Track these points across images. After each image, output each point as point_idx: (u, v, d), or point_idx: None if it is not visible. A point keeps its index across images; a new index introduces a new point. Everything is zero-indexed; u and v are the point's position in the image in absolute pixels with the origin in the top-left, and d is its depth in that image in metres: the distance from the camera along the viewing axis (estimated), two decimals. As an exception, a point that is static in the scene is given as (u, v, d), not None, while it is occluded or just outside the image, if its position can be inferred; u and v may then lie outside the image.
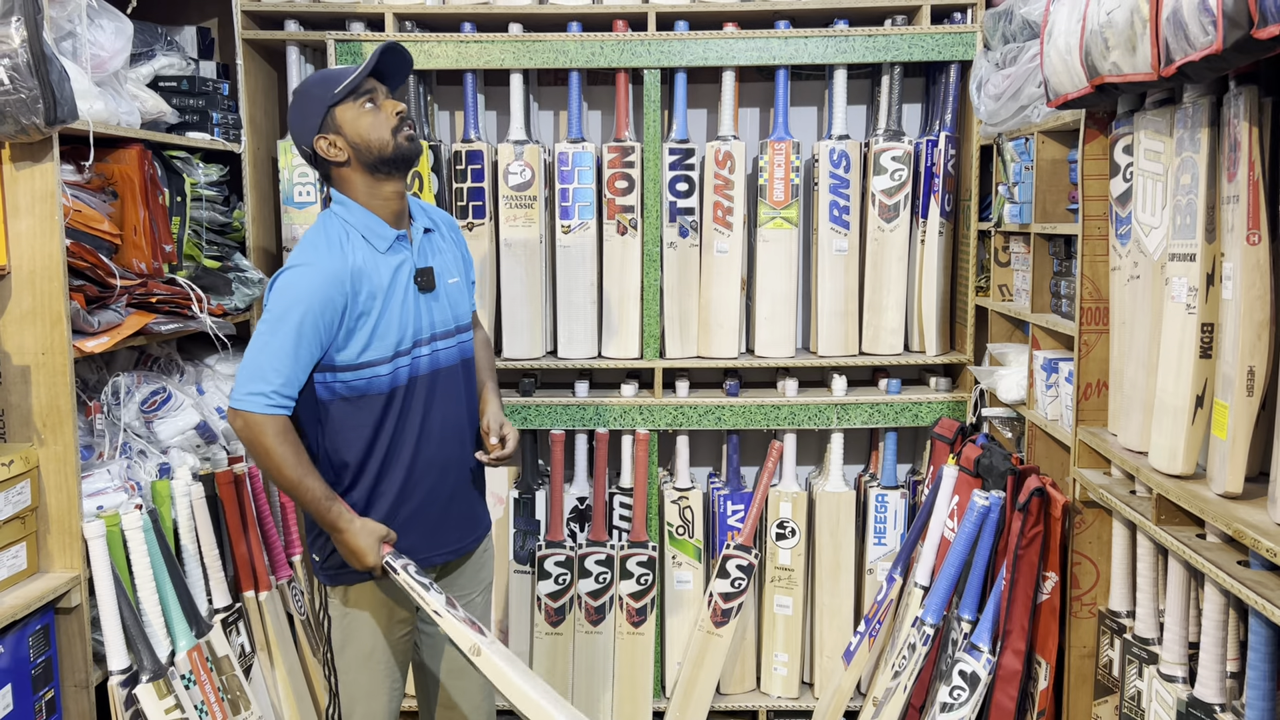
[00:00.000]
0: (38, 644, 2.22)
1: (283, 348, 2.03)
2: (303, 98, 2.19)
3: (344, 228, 2.15)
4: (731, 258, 3.40)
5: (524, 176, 3.37)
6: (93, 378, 2.72)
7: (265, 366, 2.03)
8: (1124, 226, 2.25)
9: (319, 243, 2.12)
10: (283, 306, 2.04)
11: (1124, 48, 1.87)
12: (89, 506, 2.38)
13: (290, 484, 2.06)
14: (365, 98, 2.15)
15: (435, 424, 2.24)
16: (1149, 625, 2.21)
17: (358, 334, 2.10)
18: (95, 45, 2.49)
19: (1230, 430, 1.79)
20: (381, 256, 2.15)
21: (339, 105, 2.13)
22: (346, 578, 2.22)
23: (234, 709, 2.64)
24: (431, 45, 3.28)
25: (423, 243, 2.26)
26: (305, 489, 2.07)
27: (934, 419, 3.38)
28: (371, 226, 2.16)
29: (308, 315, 2.03)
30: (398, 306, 2.15)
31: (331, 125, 2.14)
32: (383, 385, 2.15)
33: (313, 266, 2.07)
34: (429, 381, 2.23)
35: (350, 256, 2.10)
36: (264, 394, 2.03)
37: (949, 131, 3.37)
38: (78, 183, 2.52)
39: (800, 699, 3.50)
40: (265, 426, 2.03)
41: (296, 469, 2.06)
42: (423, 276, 2.21)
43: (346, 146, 2.14)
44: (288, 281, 2.06)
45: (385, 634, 2.27)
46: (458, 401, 2.30)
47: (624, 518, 3.46)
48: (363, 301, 2.10)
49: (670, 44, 3.28)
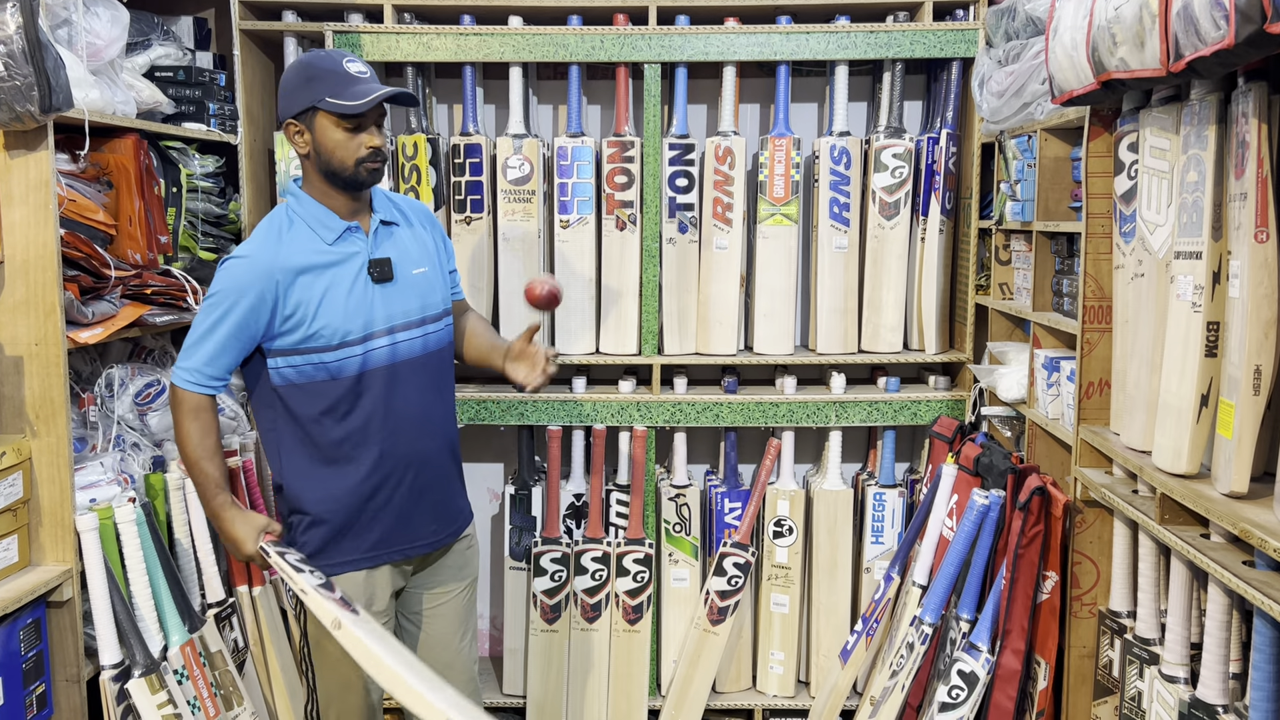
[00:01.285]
0: (29, 637, 2.19)
1: (210, 331, 2.11)
2: (300, 76, 2.14)
3: (289, 217, 2.18)
4: (731, 254, 3.38)
5: (523, 170, 3.34)
6: (86, 369, 2.69)
7: (192, 345, 2.12)
8: (1128, 224, 2.24)
9: (258, 234, 2.18)
10: (216, 292, 2.11)
11: (1132, 43, 1.86)
12: (82, 499, 2.35)
13: (188, 460, 2.17)
14: (353, 121, 2.13)
15: (402, 416, 2.23)
16: (1150, 626, 2.20)
17: (294, 322, 2.12)
18: (91, 33, 2.47)
19: (1236, 429, 1.78)
20: (328, 247, 2.16)
21: (323, 110, 2.11)
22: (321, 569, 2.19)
23: (227, 704, 2.62)
24: (430, 37, 3.26)
25: (381, 234, 2.24)
26: (200, 470, 2.15)
27: (933, 417, 3.36)
28: (319, 217, 2.18)
29: (235, 306, 2.09)
30: (342, 296, 2.15)
31: (308, 120, 2.13)
32: (328, 373, 2.15)
33: (249, 259, 2.13)
34: (388, 374, 2.21)
35: (286, 249, 2.13)
36: (188, 370, 2.12)
37: (950, 129, 3.35)
38: (73, 172, 2.50)
39: (796, 698, 3.48)
40: (183, 400, 2.13)
41: (198, 448, 2.15)
42: (377, 267, 2.20)
43: (310, 146, 2.15)
44: (225, 269, 2.13)
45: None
46: (425, 393, 2.28)
47: (621, 515, 3.44)
48: (297, 292, 2.11)
49: (671, 38, 3.26)
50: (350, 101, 2.09)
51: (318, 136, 2.13)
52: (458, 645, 2.44)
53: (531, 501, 3.42)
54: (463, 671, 2.46)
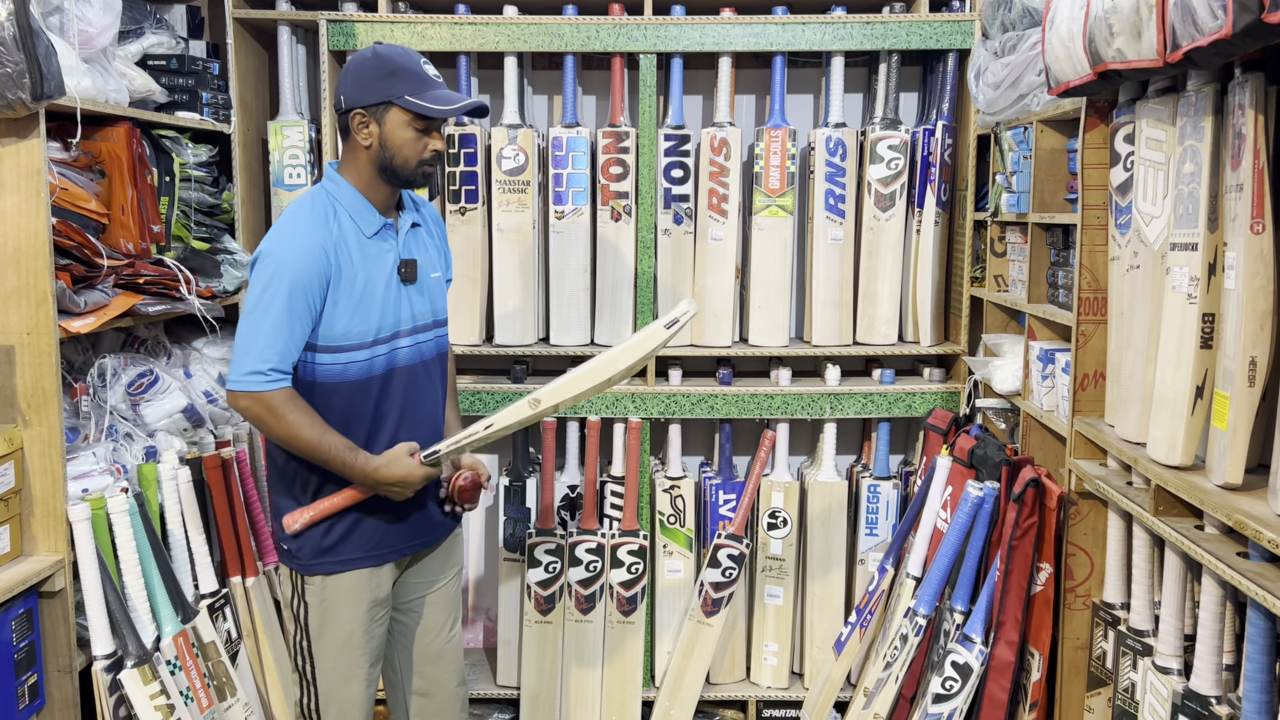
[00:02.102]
0: (20, 628, 2.19)
1: (275, 323, 2.02)
2: (378, 67, 2.13)
3: (331, 203, 2.15)
4: (726, 245, 3.38)
5: (517, 161, 3.33)
6: (79, 359, 2.68)
7: (260, 344, 2.02)
8: (1124, 216, 2.23)
9: (302, 216, 2.12)
10: (269, 281, 2.03)
11: (1129, 34, 1.85)
12: (74, 489, 2.35)
13: (311, 445, 2.06)
14: (426, 123, 2.14)
15: (412, 416, 2.24)
16: (1144, 617, 2.20)
17: (340, 309, 2.10)
18: (83, 21, 2.45)
19: (1231, 421, 1.78)
20: (367, 240, 2.15)
21: (399, 106, 2.11)
22: (324, 566, 2.21)
23: (220, 695, 2.61)
24: (425, 27, 3.24)
25: (408, 235, 2.26)
26: (327, 446, 2.07)
27: (927, 410, 3.36)
28: (360, 209, 2.16)
29: (295, 288, 2.03)
30: (379, 292, 2.15)
31: (379, 115, 2.12)
32: (358, 372, 2.15)
33: (296, 240, 2.06)
34: (408, 374, 2.23)
35: (335, 232, 2.10)
36: (262, 372, 2.03)
37: (946, 120, 3.35)
38: (65, 161, 2.49)
39: (790, 689, 3.49)
40: (271, 400, 2.03)
41: (313, 429, 2.06)
42: (406, 268, 2.21)
43: (376, 140, 2.14)
44: (272, 256, 2.05)
45: (364, 620, 2.25)
46: (433, 395, 2.32)
47: (615, 506, 3.44)
48: (345, 276, 2.09)
49: (667, 29, 3.25)
50: (433, 105, 2.10)
51: (386, 131, 2.12)
52: (447, 634, 2.46)
53: (526, 493, 3.42)
54: (452, 660, 2.48)
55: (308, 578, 2.22)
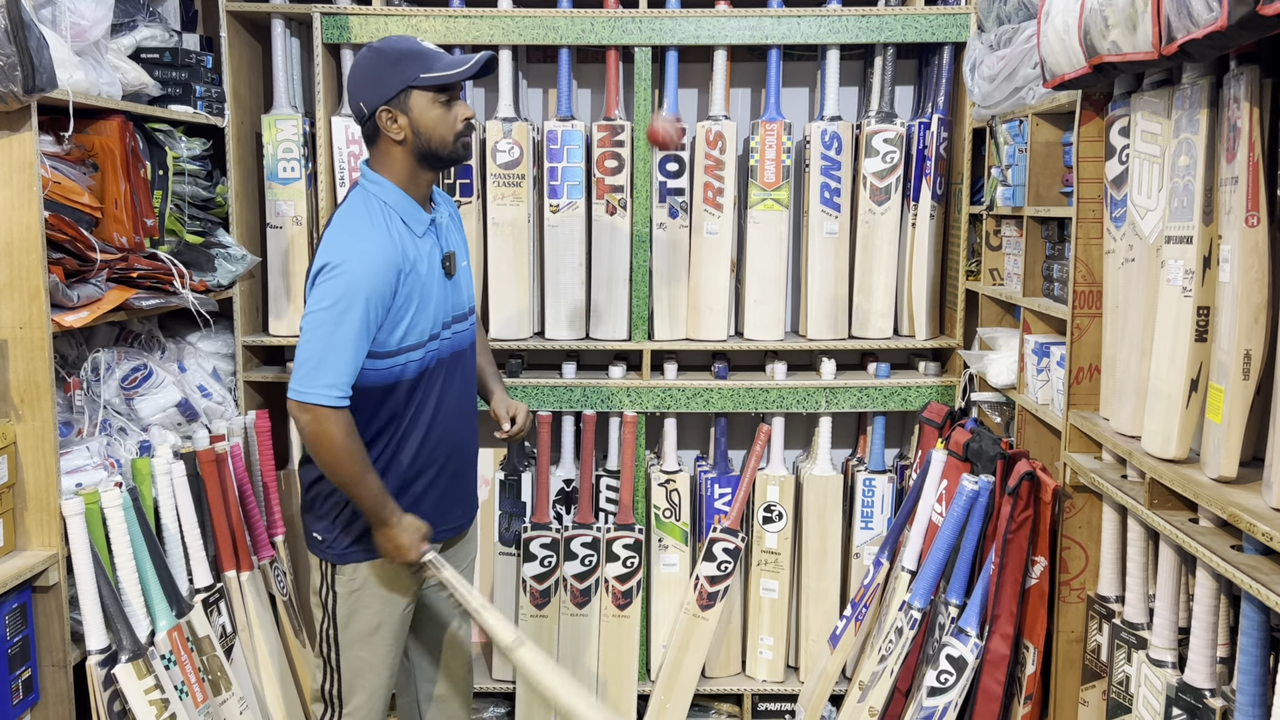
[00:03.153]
0: (14, 623, 2.18)
1: (348, 337, 2.01)
2: (382, 62, 2.11)
3: (384, 210, 2.13)
4: (721, 239, 3.37)
5: (512, 155, 3.33)
6: (72, 353, 2.67)
7: (333, 358, 2.01)
8: (1119, 209, 2.23)
9: (365, 227, 2.09)
10: (341, 295, 2.00)
11: (1124, 26, 1.85)
12: (68, 484, 2.34)
13: (352, 478, 2.07)
14: (448, 94, 2.13)
15: (449, 404, 2.27)
16: (1138, 610, 2.21)
17: (401, 319, 2.10)
18: (75, 14, 2.43)
19: (1225, 414, 1.78)
20: (418, 240, 2.16)
21: (418, 88, 2.09)
22: (356, 555, 2.23)
23: (215, 689, 2.61)
24: (419, 20, 3.23)
25: (442, 228, 2.27)
26: (367, 485, 2.08)
27: (923, 403, 3.36)
28: (409, 210, 2.16)
29: (370, 302, 2.02)
30: (434, 291, 2.17)
31: (403, 104, 2.11)
32: (414, 371, 2.17)
33: (367, 252, 2.04)
34: (449, 364, 2.26)
35: (396, 240, 2.09)
36: (334, 386, 2.02)
37: (941, 114, 3.34)
38: (57, 154, 2.48)
39: (785, 683, 3.49)
40: (336, 421, 2.02)
41: (361, 464, 2.07)
42: (448, 261, 2.23)
43: (408, 130, 2.12)
44: (345, 268, 2.01)
45: (391, 610, 2.28)
46: (468, 383, 2.35)
47: (610, 500, 3.44)
48: (409, 286, 2.09)
49: (662, 22, 3.24)
50: (452, 71, 2.09)
51: (415, 116, 2.11)
52: (459, 623, 2.50)
53: (521, 487, 3.41)
54: (461, 648, 2.53)
55: (339, 566, 2.24)
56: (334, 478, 2.09)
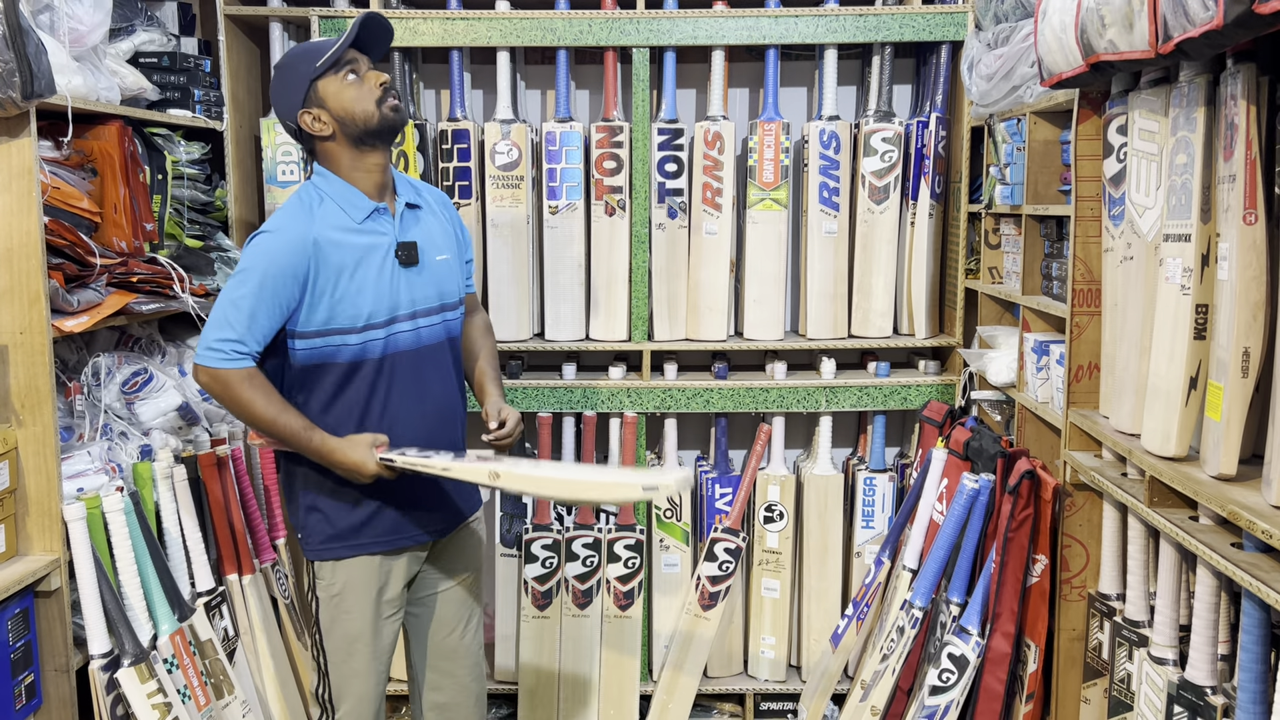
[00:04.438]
0: (16, 627, 2.18)
1: (242, 303, 2.06)
2: (285, 72, 2.18)
3: (318, 195, 2.16)
4: (720, 239, 3.37)
5: (511, 156, 3.33)
6: (72, 358, 2.67)
7: (225, 320, 2.06)
8: (1117, 207, 2.23)
9: (288, 209, 2.15)
10: (245, 265, 2.08)
11: (1121, 25, 1.85)
12: (69, 488, 2.34)
13: (267, 423, 2.10)
14: (347, 69, 2.15)
15: (423, 401, 2.25)
16: (1139, 608, 2.21)
17: (322, 300, 2.11)
18: (73, 19, 2.43)
19: (1224, 412, 1.78)
20: (356, 226, 2.16)
21: (321, 79, 2.13)
22: (333, 551, 2.22)
23: (217, 693, 2.61)
24: (417, 22, 3.23)
25: (406, 217, 2.25)
26: (283, 424, 2.10)
27: (923, 402, 3.37)
28: (348, 197, 2.17)
29: (267, 277, 2.06)
30: (371, 277, 2.15)
31: (315, 99, 2.14)
32: (350, 355, 2.16)
33: (280, 232, 2.10)
34: (413, 358, 2.23)
35: (319, 223, 2.11)
36: (224, 348, 2.06)
37: (940, 113, 3.34)
38: (56, 159, 2.48)
39: (787, 682, 3.49)
40: (229, 377, 2.07)
41: (269, 407, 2.09)
42: (404, 250, 2.21)
43: (331, 120, 2.15)
44: (255, 244, 2.10)
45: (374, 615, 2.26)
46: (445, 381, 2.31)
47: (611, 501, 3.44)
48: (330, 268, 2.10)
49: (659, 22, 3.24)
50: (337, 43, 2.13)
51: (331, 104, 2.14)
52: (462, 630, 2.47)
53: (522, 488, 3.41)
54: (466, 657, 2.49)
55: (319, 565, 2.24)
56: (256, 427, 2.14)
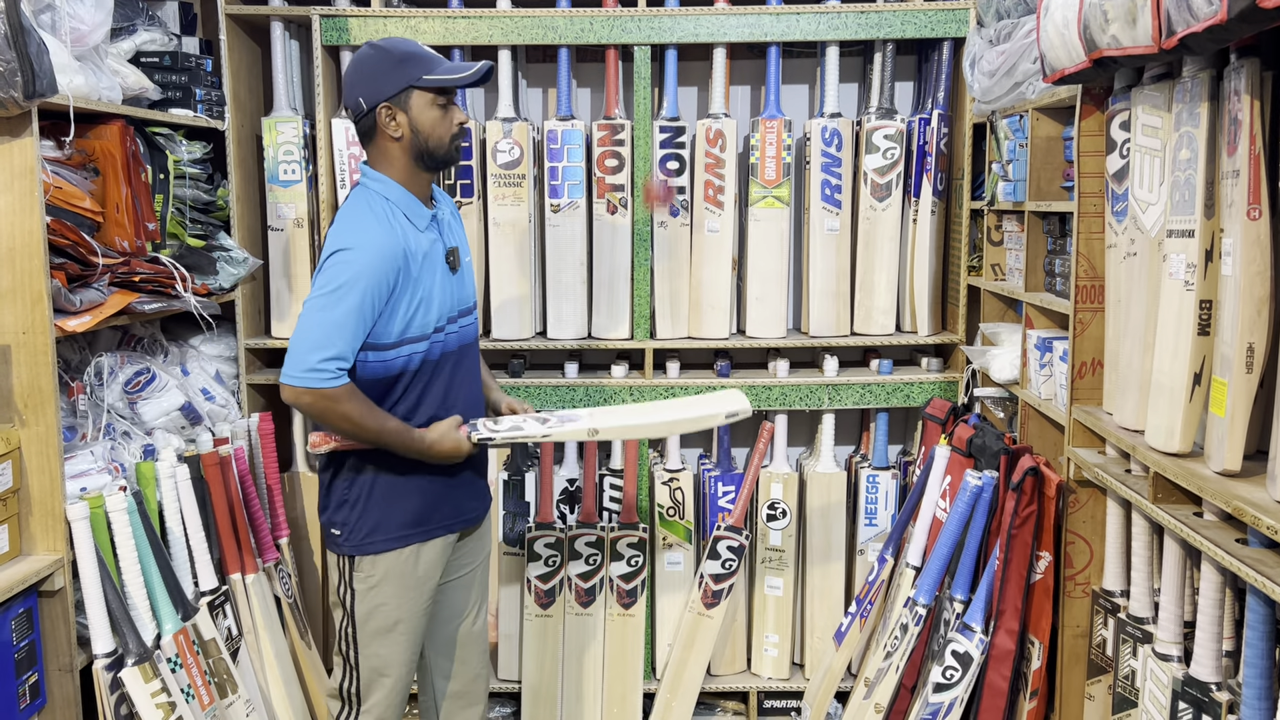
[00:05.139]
0: (20, 627, 2.18)
1: (344, 321, 2.06)
2: (383, 59, 2.16)
3: (386, 205, 2.18)
4: (723, 237, 3.37)
5: (512, 155, 3.33)
6: (75, 358, 2.67)
7: (327, 339, 2.05)
8: (1120, 203, 2.23)
9: (366, 220, 2.14)
10: (342, 281, 2.05)
11: (1124, 20, 1.85)
12: (72, 488, 2.34)
13: (373, 432, 2.13)
14: (446, 97, 2.19)
15: (459, 396, 2.32)
16: (1143, 605, 2.20)
17: (401, 311, 2.14)
18: (75, 18, 2.43)
19: (1229, 408, 1.78)
20: (420, 234, 2.20)
21: (420, 89, 2.15)
22: (373, 545, 2.25)
23: (221, 692, 2.61)
24: (418, 21, 3.23)
25: (444, 223, 2.31)
26: (388, 432, 2.14)
27: (925, 399, 3.36)
28: (410, 205, 2.20)
29: (368, 292, 2.07)
30: (437, 285, 2.21)
31: (403, 102, 2.16)
32: (418, 362, 2.21)
33: (370, 244, 2.09)
34: (456, 357, 2.30)
35: (399, 232, 2.14)
36: (328, 368, 2.06)
37: (942, 109, 3.34)
38: (58, 159, 2.48)
39: (791, 680, 3.49)
40: (336, 395, 2.07)
41: (374, 418, 2.13)
42: (451, 255, 2.27)
43: (406, 128, 2.17)
44: (347, 258, 2.07)
45: (411, 605, 2.30)
46: (475, 375, 2.40)
47: (614, 499, 3.44)
48: (412, 278, 2.14)
49: (661, 20, 3.24)
50: (452, 75, 2.15)
51: (414, 116, 2.16)
52: (474, 618, 2.54)
53: (525, 487, 3.40)
54: (477, 645, 2.55)
55: (357, 559, 2.27)
56: (358, 437, 2.15)
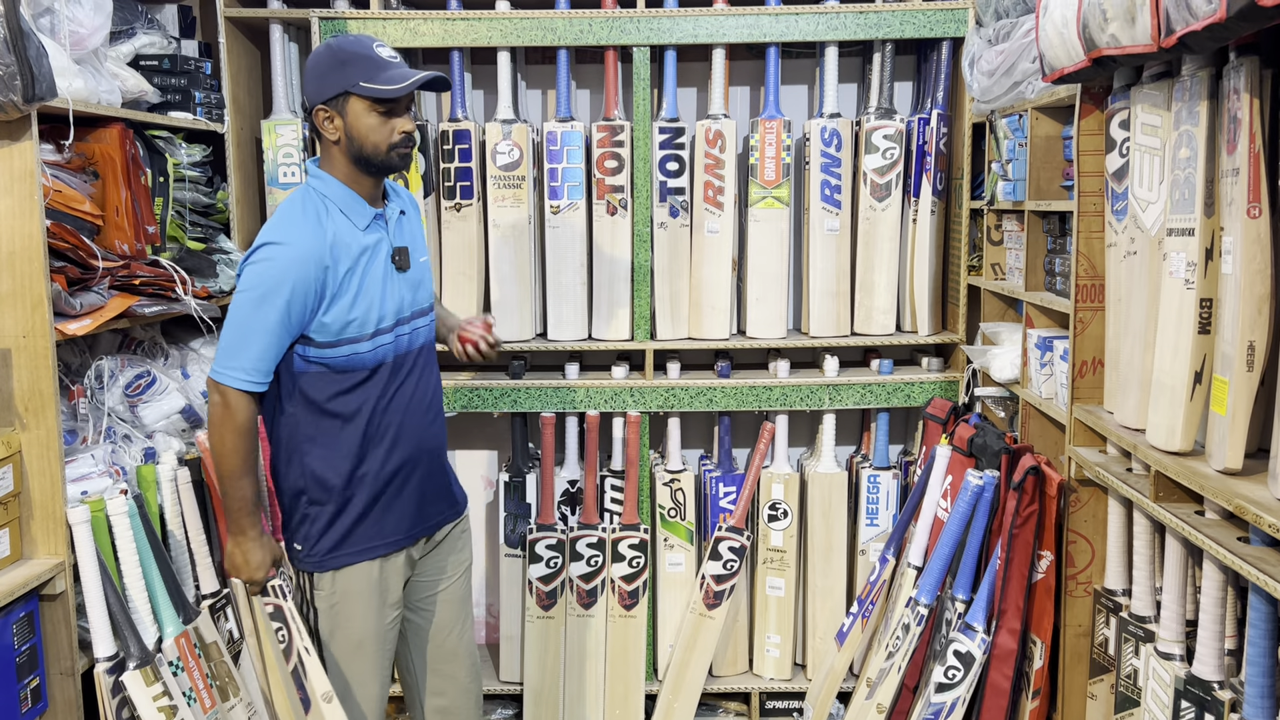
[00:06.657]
0: (22, 631, 2.18)
1: (265, 324, 2.04)
2: (331, 60, 2.12)
3: (322, 203, 2.15)
4: (722, 238, 3.37)
5: (512, 156, 3.33)
6: (75, 361, 2.67)
7: (249, 342, 2.05)
8: (1120, 202, 2.23)
9: (295, 218, 2.11)
10: (266, 285, 2.04)
11: (1123, 19, 1.85)
12: (73, 492, 2.34)
13: (235, 471, 2.11)
14: (386, 105, 2.11)
15: (417, 400, 2.28)
16: (1145, 603, 2.20)
17: (335, 310, 2.10)
18: (74, 22, 2.44)
19: (1230, 406, 1.78)
20: (360, 233, 2.16)
21: (357, 95, 2.10)
22: (337, 560, 2.23)
23: (223, 695, 2.61)
24: (418, 23, 3.23)
25: (397, 223, 2.27)
26: (243, 485, 2.12)
27: (926, 399, 3.36)
28: (351, 203, 2.17)
29: (294, 296, 2.05)
30: (378, 284, 2.17)
31: (340, 106, 2.12)
32: (364, 362, 2.17)
33: (293, 245, 2.06)
34: (412, 359, 2.26)
35: (328, 231, 2.11)
36: (240, 369, 2.06)
37: (941, 109, 3.34)
38: (58, 162, 2.48)
39: (793, 680, 3.49)
40: (241, 406, 2.08)
41: (244, 464, 2.11)
42: (399, 255, 2.22)
43: (342, 132, 2.13)
44: (268, 258, 2.05)
45: (375, 621, 2.27)
46: (430, 378, 2.35)
47: (615, 500, 3.43)
48: (342, 276, 2.10)
49: (660, 21, 3.24)
50: (386, 86, 2.08)
51: (350, 122, 2.12)
52: (459, 631, 2.49)
53: (526, 488, 3.41)
54: (466, 657, 2.51)
55: (318, 576, 2.25)
56: (219, 464, 2.13)
